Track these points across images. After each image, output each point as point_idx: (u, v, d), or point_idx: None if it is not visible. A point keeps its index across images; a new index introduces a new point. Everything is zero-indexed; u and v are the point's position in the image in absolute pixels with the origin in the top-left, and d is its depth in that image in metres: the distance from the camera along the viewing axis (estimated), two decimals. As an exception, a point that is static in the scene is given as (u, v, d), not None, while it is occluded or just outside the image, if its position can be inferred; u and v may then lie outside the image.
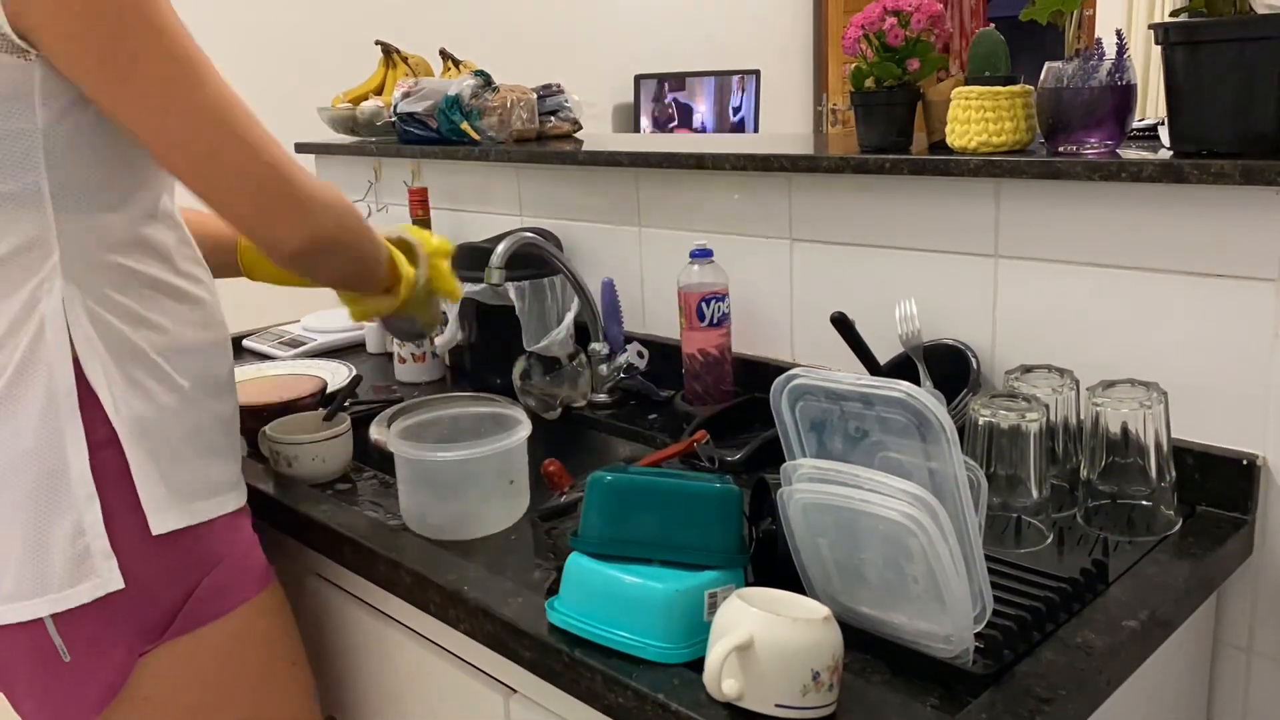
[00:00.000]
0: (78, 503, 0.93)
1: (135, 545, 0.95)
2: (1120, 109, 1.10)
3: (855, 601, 0.84)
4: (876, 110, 1.28)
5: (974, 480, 0.81)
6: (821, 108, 4.53)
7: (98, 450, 0.94)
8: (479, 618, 0.95)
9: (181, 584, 0.99)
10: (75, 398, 0.93)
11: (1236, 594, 1.07)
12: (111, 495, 0.94)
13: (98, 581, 0.94)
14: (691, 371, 1.41)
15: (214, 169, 0.89)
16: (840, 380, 0.81)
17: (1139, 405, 0.99)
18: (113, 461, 0.94)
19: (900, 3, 1.25)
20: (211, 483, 1.03)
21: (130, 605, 0.96)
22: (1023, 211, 1.16)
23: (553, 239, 1.61)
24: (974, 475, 0.81)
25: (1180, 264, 1.05)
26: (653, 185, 1.55)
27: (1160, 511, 1.01)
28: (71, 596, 0.93)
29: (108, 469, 0.94)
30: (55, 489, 0.93)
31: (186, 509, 0.99)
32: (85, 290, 0.94)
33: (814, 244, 1.37)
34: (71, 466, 0.93)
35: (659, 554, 0.85)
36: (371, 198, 2.05)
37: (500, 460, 1.11)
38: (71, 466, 0.93)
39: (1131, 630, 0.85)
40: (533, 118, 1.81)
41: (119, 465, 0.95)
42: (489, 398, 1.53)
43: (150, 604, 0.97)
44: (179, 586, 0.99)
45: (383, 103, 2.05)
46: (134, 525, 0.95)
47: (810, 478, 0.82)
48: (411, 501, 1.12)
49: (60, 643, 0.94)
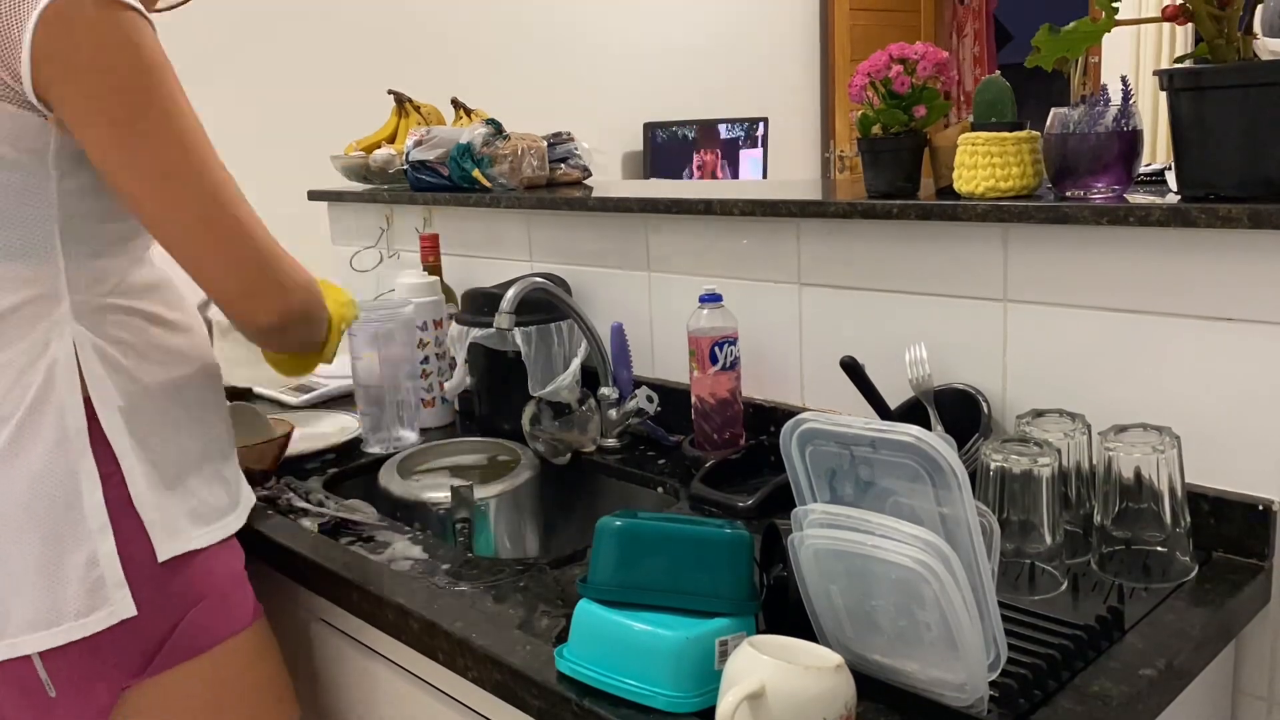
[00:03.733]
0: (92, 535, 0.96)
1: (139, 574, 0.98)
2: (1127, 154, 1.10)
3: (867, 649, 0.83)
4: (884, 156, 1.29)
5: (987, 526, 0.80)
6: (829, 154, 4.57)
7: (108, 481, 0.97)
8: (487, 666, 0.94)
9: (169, 617, 1.00)
10: (87, 434, 0.97)
11: (1255, 642, 1.05)
12: (121, 525, 0.97)
13: (111, 610, 0.96)
14: (702, 415, 1.41)
15: (205, 248, 0.94)
16: (850, 425, 0.81)
17: (1152, 450, 0.99)
18: (122, 491, 0.98)
19: (906, 50, 1.26)
20: (210, 508, 1.05)
21: (117, 639, 0.97)
22: (1031, 256, 1.16)
23: (562, 284, 1.62)
24: (986, 521, 0.80)
25: (1190, 308, 1.05)
26: (662, 230, 1.56)
27: (1176, 558, 1.00)
28: (86, 625, 0.95)
29: (117, 498, 0.97)
30: (70, 522, 0.95)
31: (188, 534, 1.02)
32: (93, 330, 0.98)
33: (823, 288, 1.37)
34: (85, 500, 0.96)
35: (669, 600, 0.84)
36: (384, 244, 2.07)
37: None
38: (85, 500, 0.96)
39: (1149, 679, 0.84)
40: (543, 165, 1.83)
41: (121, 496, 0.98)
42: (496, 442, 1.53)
43: (137, 637, 0.98)
44: (166, 619, 1.00)
45: (395, 151, 2.07)
46: (138, 554, 0.98)
47: (821, 523, 0.82)
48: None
49: (46, 678, 0.96)
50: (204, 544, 1.03)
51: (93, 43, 0.89)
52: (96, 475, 0.97)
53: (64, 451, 0.96)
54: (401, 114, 2.20)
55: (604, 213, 1.63)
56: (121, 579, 0.96)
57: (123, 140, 0.91)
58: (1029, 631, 0.89)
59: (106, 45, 0.89)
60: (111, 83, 0.89)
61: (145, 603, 0.98)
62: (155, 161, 0.92)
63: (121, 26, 0.89)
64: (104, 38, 0.89)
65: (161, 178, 0.92)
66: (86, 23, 0.88)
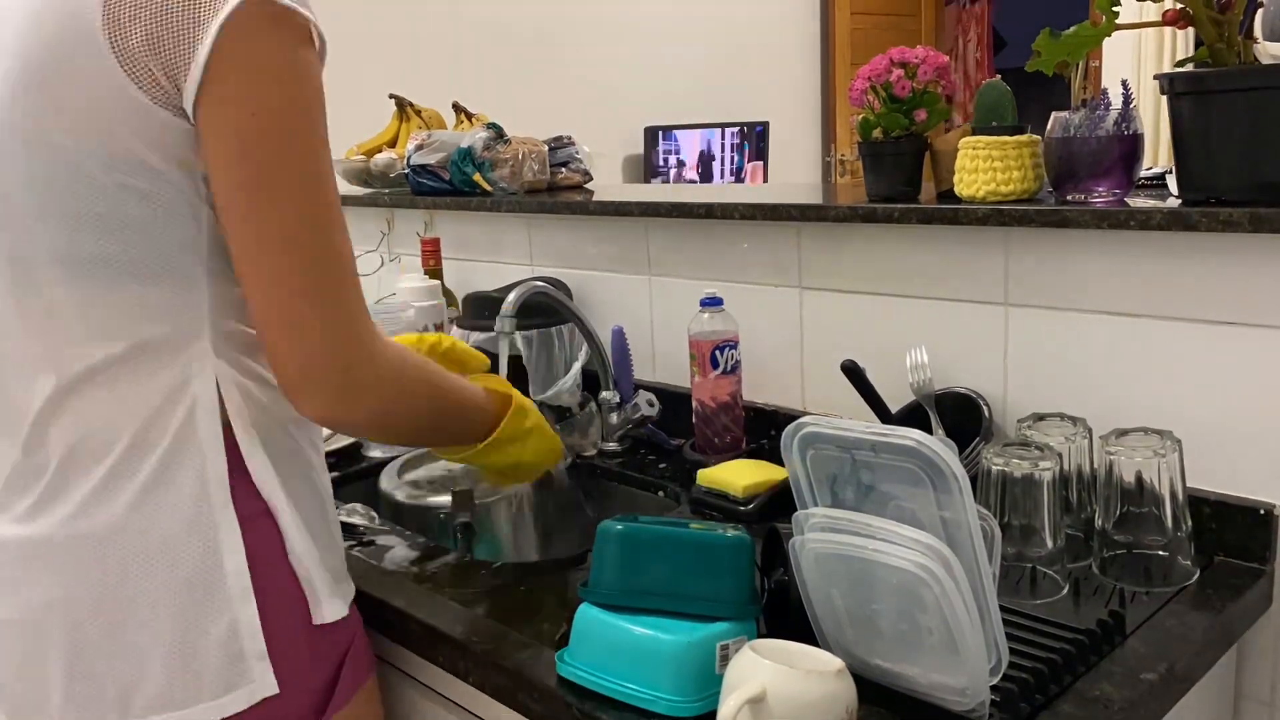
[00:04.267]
0: (233, 601, 0.85)
1: (289, 639, 0.88)
2: (1127, 158, 1.10)
3: (869, 653, 0.83)
4: (884, 160, 1.29)
5: (988, 530, 0.80)
6: (829, 158, 4.57)
7: (252, 538, 0.86)
8: (488, 669, 0.94)
9: (327, 673, 0.92)
10: (228, 484, 0.85)
11: (1257, 646, 1.05)
12: (264, 586, 0.87)
13: (252, 687, 0.86)
14: (703, 419, 1.41)
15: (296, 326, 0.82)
16: (851, 428, 0.81)
17: (1153, 454, 0.99)
18: (262, 547, 0.87)
19: (906, 55, 1.26)
20: (341, 557, 0.97)
21: (284, 705, 0.88)
22: (1032, 260, 1.16)
23: (563, 288, 1.62)
24: (988, 525, 0.80)
25: (1191, 312, 1.05)
26: (662, 234, 1.56)
27: (1177, 562, 1.00)
28: (224, 706, 0.85)
29: (258, 556, 0.87)
30: (209, 584, 0.85)
31: (344, 591, 0.94)
32: (233, 364, 0.87)
33: (823, 292, 1.37)
34: (226, 559, 0.85)
35: (670, 604, 0.84)
36: (385, 248, 2.07)
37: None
38: (226, 559, 0.85)
39: (1151, 683, 0.84)
40: (544, 169, 1.83)
41: (269, 550, 0.88)
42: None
43: (301, 701, 0.90)
44: (324, 675, 0.92)
45: (396, 155, 2.08)
46: (287, 616, 0.89)
47: (822, 527, 0.82)
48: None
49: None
50: (352, 598, 0.95)
51: (262, 72, 0.78)
52: (239, 533, 0.85)
53: (206, 503, 0.84)
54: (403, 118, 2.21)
55: (605, 216, 1.63)
56: (264, 651, 0.86)
57: (252, 190, 0.80)
58: (1030, 636, 0.88)
59: (274, 80, 0.78)
60: (262, 124, 0.78)
61: (304, 662, 0.89)
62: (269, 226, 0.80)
63: (297, 60, 0.79)
64: (275, 69, 0.78)
65: (269, 245, 0.81)
66: (264, 44, 0.77)
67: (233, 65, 0.77)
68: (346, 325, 0.84)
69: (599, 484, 1.46)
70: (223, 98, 0.77)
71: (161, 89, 0.77)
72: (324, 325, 0.82)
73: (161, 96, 0.77)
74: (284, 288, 0.81)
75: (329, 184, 0.84)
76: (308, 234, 0.81)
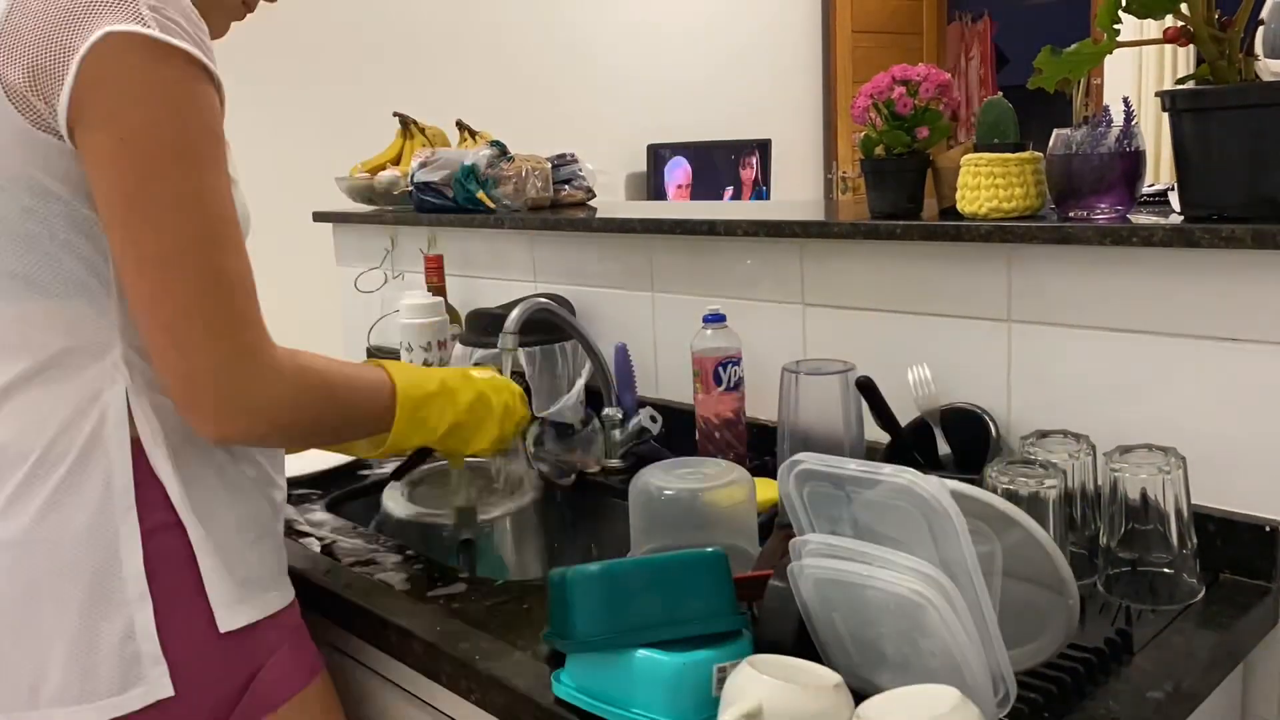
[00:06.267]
0: (129, 603, 0.88)
1: (191, 645, 0.91)
2: (1130, 174, 1.10)
3: (874, 676, 0.82)
4: (887, 177, 1.29)
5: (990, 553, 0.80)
6: (832, 175, 4.58)
7: (150, 544, 0.89)
8: (491, 688, 0.93)
9: (235, 680, 0.94)
10: (132, 492, 0.89)
11: (1264, 664, 1.04)
12: (165, 593, 0.90)
13: (146, 689, 0.89)
14: (706, 435, 1.41)
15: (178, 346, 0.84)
16: (844, 466, 0.81)
17: (1157, 471, 0.98)
18: (166, 555, 0.90)
19: (908, 72, 1.27)
20: (272, 572, 0.99)
21: (182, 709, 0.90)
22: (1035, 276, 1.16)
23: (566, 305, 1.62)
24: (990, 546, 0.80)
25: (1194, 328, 1.05)
26: (665, 251, 1.56)
27: (1182, 579, 0.99)
28: (119, 704, 0.88)
29: (160, 564, 0.90)
30: (107, 587, 0.88)
31: (256, 601, 0.95)
32: (149, 382, 0.90)
33: (826, 309, 1.37)
34: (125, 564, 0.88)
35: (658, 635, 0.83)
36: (388, 265, 2.07)
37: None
38: (125, 564, 0.88)
39: (1158, 702, 0.83)
40: (547, 186, 1.83)
41: (174, 559, 0.90)
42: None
43: (202, 706, 0.92)
44: (232, 684, 0.94)
45: (400, 172, 2.08)
46: (190, 622, 0.91)
47: (819, 553, 0.81)
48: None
49: None
50: (272, 610, 0.96)
51: (127, 98, 0.80)
52: (139, 539, 0.89)
53: (108, 511, 0.88)
54: (406, 136, 2.21)
55: (608, 233, 1.64)
56: (159, 654, 0.88)
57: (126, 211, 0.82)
58: (1036, 654, 0.88)
59: (141, 104, 0.80)
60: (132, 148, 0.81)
61: (206, 670, 0.91)
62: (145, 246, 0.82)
63: (167, 87, 0.81)
64: (142, 96, 0.80)
65: (146, 264, 0.82)
66: (130, 72, 0.80)
67: (101, 92, 0.80)
68: (232, 344, 0.85)
69: (602, 501, 1.46)
70: (92, 123, 0.81)
71: (42, 116, 0.82)
72: (209, 345, 0.84)
73: (42, 122, 0.82)
74: (166, 307, 0.83)
75: (212, 205, 0.84)
76: (188, 254, 0.83)
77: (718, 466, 1.14)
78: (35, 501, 0.88)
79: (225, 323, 0.85)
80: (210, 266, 0.84)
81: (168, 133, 0.82)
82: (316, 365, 0.95)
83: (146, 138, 0.81)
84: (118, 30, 0.79)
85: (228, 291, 0.85)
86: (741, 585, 0.88)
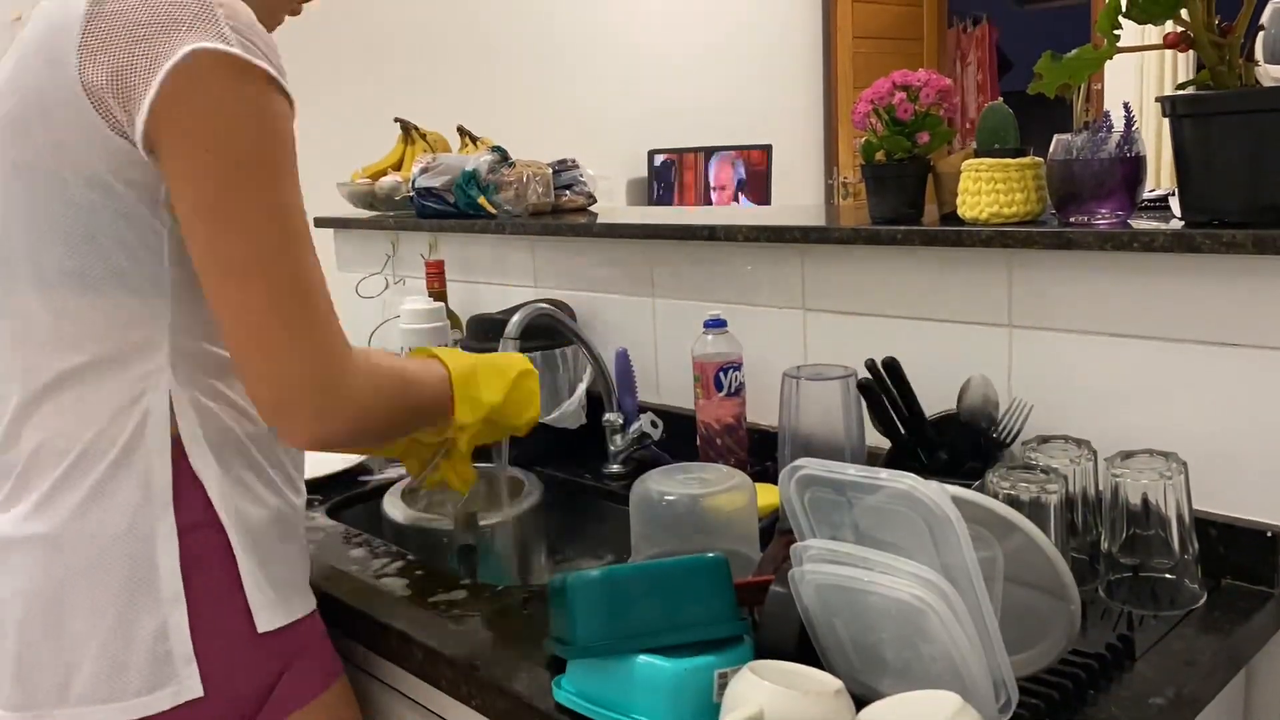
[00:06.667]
0: (164, 602, 0.89)
1: (223, 645, 0.91)
2: (1130, 180, 1.11)
3: (875, 682, 0.82)
4: (887, 182, 1.29)
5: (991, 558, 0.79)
6: (832, 181, 4.59)
7: (187, 542, 0.90)
8: (491, 694, 0.93)
9: (263, 681, 0.94)
10: (171, 493, 0.90)
11: (1266, 670, 1.04)
12: (200, 592, 0.90)
13: (176, 689, 0.89)
14: (707, 441, 1.41)
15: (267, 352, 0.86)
16: (844, 471, 0.81)
17: (1159, 476, 0.98)
18: (203, 555, 0.91)
19: (909, 78, 1.27)
20: (302, 574, 1.00)
21: (210, 709, 0.91)
22: (1035, 282, 1.16)
23: (567, 310, 1.63)
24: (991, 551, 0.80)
25: (1195, 333, 1.05)
26: (666, 257, 1.56)
27: (1184, 585, 0.99)
28: (148, 704, 0.89)
29: (196, 563, 0.91)
30: (142, 586, 0.89)
31: (291, 603, 0.96)
32: (191, 381, 0.91)
33: (827, 314, 1.37)
34: (161, 563, 0.89)
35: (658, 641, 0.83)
36: (389, 270, 2.07)
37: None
38: (161, 563, 0.89)
39: (1160, 708, 0.83)
40: (548, 192, 1.84)
41: (210, 558, 0.91)
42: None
43: (229, 706, 0.92)
44: (260, 684, 0.94)
45: (401, 178, 2.09)
46: (223, 623, 0.92)
47: (820, 558, 0.81)
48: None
49: None
50: (302, 614, 0.97)
51: (213, 112, 0.83)
52: (175, 540, 0.89)
53: (147, 509, 0.89)
54: (407, 141, 2.22)
55: (609, 239, 1.64)
56: (191, 654, 0.89)
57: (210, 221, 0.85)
58: (1037, 660, 0.88)
59: (226, 119, 0.83)
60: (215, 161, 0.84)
61: (234, 671, 0.92)
62: (238, 252, 0.85)
63: (250, 103, 0.84)
64: (227, 111, 0.83)
65: (232, 272, 0.85)
66: (216, 88, 0.83)
67: (185, 107, 0.83)
68: (316, 347, 0.87)
69: (603, 506, 1.46)
70: (175, 136, 0.83)
71: (118, 120, 0.84)
72: (294, 346, 0.86)
73: (117, 126, 0.84)
74: (251, 315, 0.85)
75: (291, 214, 0.87)
76: (271, 262, 0.85)
77: (719, 472, 1.14)
78: (72, 498, 0.89)
79: (309, 325, 0.87)
80: (291, 272, 0.87)
81: (250, 146, 0.84)
82: (386, 363, 0.98)
83: (230, 151, 0.84)
84: (203, 48, 0.82)
85: (309, 296, 0.88)
86: (742, 591, 0.88)
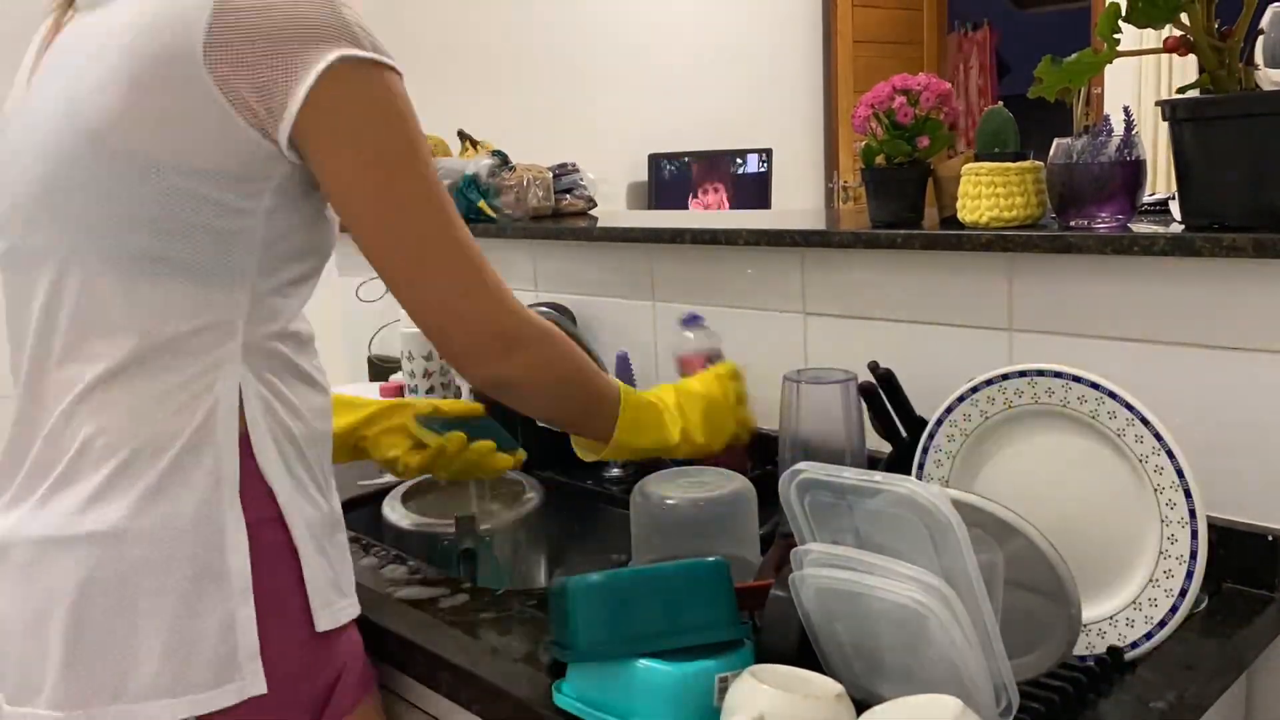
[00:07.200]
0: (232, 596, 0.87)
1: (284, 642, 0.90)
2: (1130, 184, 1.11)
3: (876, 686, 0.82)
4: (887, 186, 1.29)
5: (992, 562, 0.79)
6: (832, 185, 4.59)
7: (254, 538, 0.89)
8: (491, 699, 0.93)
9: (322, 681, 0.94)
10: (238, 484, 0.89)
11: (1267, 674, 1.04)
12: (265, 588, 0.89)
13: (241, 684, 0.88)
14: (706, 446, 1.41)
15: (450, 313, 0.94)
16: (845, 475, 0.81)
17: (1159, 479, 0.98)
18: (269, 550, 0.90)
19: (909, 82, 1.27)
20: (348, 581, 0.99)
21: (272, 706, 0.89)
22: (1035, 285, 1.16)
23: (568, 314, 1.63)
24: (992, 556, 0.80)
25: (1195, 337, 1.05)
26: (666, 260, 1.56)
27: (1185, 588, 0.99)
28: (213, 699, 0.87)
29: (262, 559, 0.89)
30: (210, 580, 0.87)
31: (345, 603, 0.96)
32: (256, 373, 0.91)
33: (827, 318, 1.37)
34: (230, 557, 0.88)
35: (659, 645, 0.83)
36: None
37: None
38: (230, 557, 0.88)
39: (1160, 712, 0.83)
40: (548, 196, 1.84)
41: (275, 554, 0.90)
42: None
43: (292, 705, 0.92)
44: (319, 685, 0.94)
45: (401, 182, 2.08)
46: (286, 620, 0.91)
47: (821, 562, 0.81)
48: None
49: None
50: (355, 614, 0.97)
51: (367, 110, 0.88)
52: (245, 532, 0.88)
53: (215, 502, 0.88)
54: (408, 145, 2.22)
55: (609, 243, 1.64)
56: (256, 650, 0.88)
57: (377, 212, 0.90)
58: (1038, 664, 0.88)
59: (379, 113, 0.89)
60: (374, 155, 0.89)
61: (298, 669, 0.91)
62: (411, 231, 0.91)
63: (392, 91, 0.90)
64: (379, 105, 0.89)
65: (411, 251, 0.92)
66: (365, 88, 0.88)
67: (336, 114, 0.86)
68: (495, 303, 0.96)
69: (604, 510, 1.46)
70: (328, 138, 0.87)
71: (258, 116, 0.85)
72: (476, 309, 0.94)
73: (256, 122, 0.85)
74: (433, 289, 0.93)
75: (441, 190, 0.94)
76: (438, 236, 0.92)
77: (719, 475, 1.14)
78: (138, 488, 0.87)
79: (485, 285, 0.95)
80: (456, 240, 0.94)
81: (400, 138, 0.90)
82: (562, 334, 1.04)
83: (385, 145, 0.89)
84: (347, 55, 0.86)
85: (474, 256, 0.95)
86: (743, 595, 0.88)
